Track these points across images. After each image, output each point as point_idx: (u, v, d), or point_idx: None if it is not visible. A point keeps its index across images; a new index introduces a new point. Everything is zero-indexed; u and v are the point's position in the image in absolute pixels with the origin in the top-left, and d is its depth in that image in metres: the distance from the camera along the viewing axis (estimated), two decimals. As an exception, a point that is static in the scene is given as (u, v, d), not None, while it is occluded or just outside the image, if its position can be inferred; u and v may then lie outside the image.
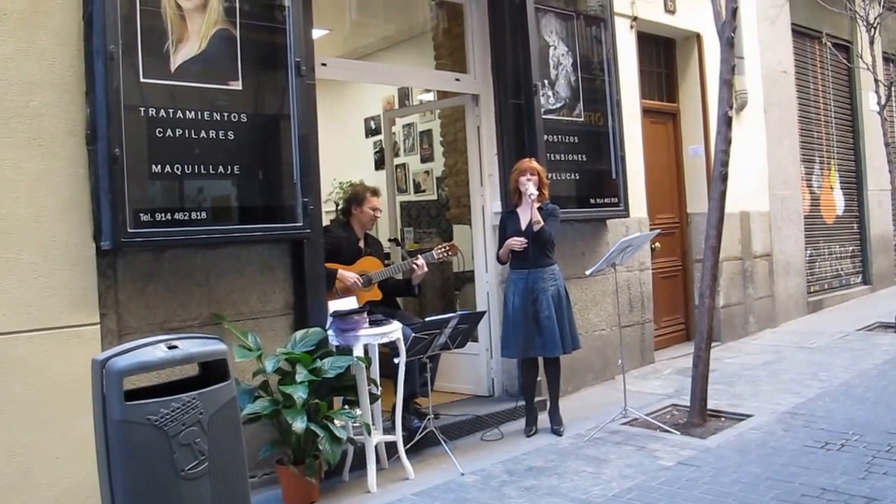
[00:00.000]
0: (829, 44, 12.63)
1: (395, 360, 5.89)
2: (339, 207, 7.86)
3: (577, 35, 8.00)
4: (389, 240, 8.67)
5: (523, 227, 6.63)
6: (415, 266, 6.84)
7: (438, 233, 9.70)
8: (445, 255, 6.96)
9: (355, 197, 7.06)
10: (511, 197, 6.88)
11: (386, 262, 7.15)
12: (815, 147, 12.78)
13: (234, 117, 5.35)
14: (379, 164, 11.03)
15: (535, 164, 6.76)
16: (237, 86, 5.39)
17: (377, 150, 11.21)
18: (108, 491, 3.46)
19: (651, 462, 5.74)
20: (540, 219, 6.52)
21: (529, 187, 6.55)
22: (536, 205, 6.57)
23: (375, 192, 7.06)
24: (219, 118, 5.27)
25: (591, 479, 5.45)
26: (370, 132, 11.52)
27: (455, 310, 7.91)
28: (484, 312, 7.10)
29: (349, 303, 6.09)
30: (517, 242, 6.55)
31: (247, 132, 5.41)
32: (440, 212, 9.84)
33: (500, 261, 6.88)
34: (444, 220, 9.65)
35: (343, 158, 10.71)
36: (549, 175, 7.01)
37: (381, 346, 5.94)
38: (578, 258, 8.04)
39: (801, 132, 12.22)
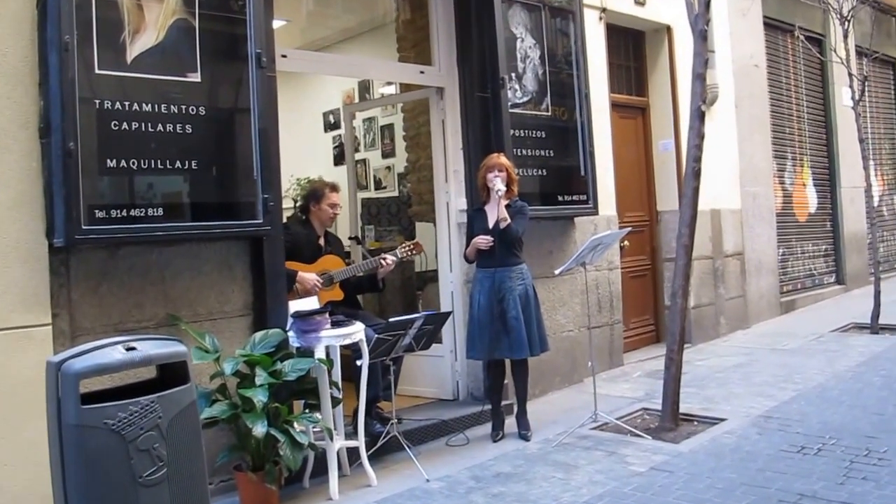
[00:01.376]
0: (801, 37, 12.80)
1: (358, 363, 5.90)
2: (298, 204, 7.82)
3: (545, 27, 8.04)
4: (350, 238, 8.59)
5: (490, 224, 6.67)
6: (382, 263, 6.87)
7: (400, 230, 9.70)
8: (410, 253, 7.00)
9: (314, 193, 7.06)
10: (479, 194, 6.93)
11: (347, 260, 7.16)
12: (787, 143, 12.91)
13: (193, 110, 5.35)
14: (338, 160, 11.09)
15: (504, 160, 6.80)
16: (195, 78, 5.39)
17: (336, 145, 11.24)
18: (62, 498, 3.44)
19: (622, 468, 5.77)
20: (507, 216, 6.56)
21: (497, 184, 6.59)
22: (504, 202, 6.61)
23: (335, 188, 7.06)
24: (176, 111, 5.26)
25: (560, 486, 5.47)
26: (329, 126, 11.53)
27: (417, 310, 7.94)
28: (449, 313, 7.16)
29: (310, 303, 6.09)
30: (484, 241, 6.59)
31: (205, 126, 5.41)
32: (402, 209, 9.83)
33: (467, 259, 6.91)
34: (406, 218, 9.66)
35: (301, 154, 10.71)
36: (517, 171, 7.04)
37: (343, 347, 5.94)
38: (546, 257, 8.09)
39: (773, 127, 12.35)
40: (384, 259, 6.89)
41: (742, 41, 11.53)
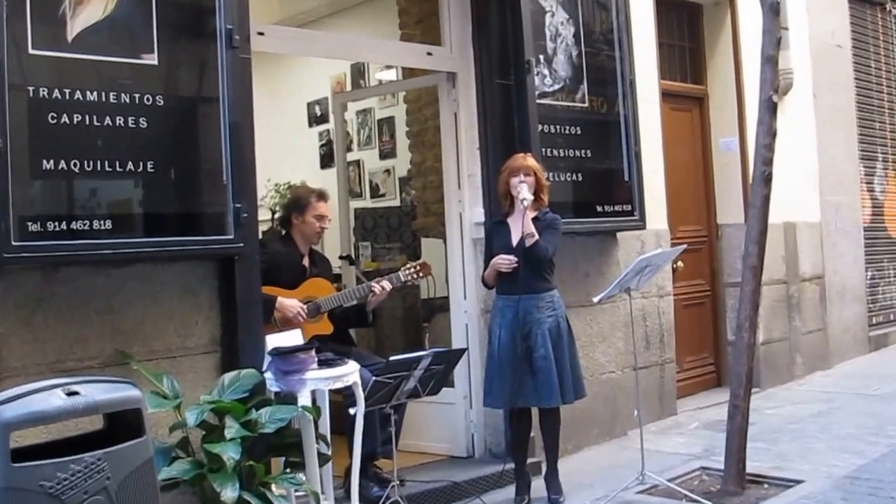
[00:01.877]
0: (894, 11, 12.74)
1: (351, 411, 5.86)
2: (276, 216, 7.85)
3: (581, -1, 8.09)
4: (340, 257, 8.72)
5: (514, 241, 6.65)
6: (374, 290, 6.89)
7: (402, 248, 9.72)
8: (415, 276, 7.05)
9: (297, 203, 7.10)
10: (500, 203, 6.93)
11: (337, 285, 7.18)
12: (877, 141, 12.87)
13: (149, 100, 5.34)
14: (326, 161, 11.15)
15: (531, 161, 6.81)
16: (152, 60, 5.38)
17: (324, 142, 11.31)
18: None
19: (676, 542, 5.73)
20: (534, 231, 6.55)
21: (523, 191, 6.57)
22: (531, 214, 6.61)
23: (322, 196, 7.10)
24: (128, 101, 5.25)
25: (600, 565, 5.46)
26: (315, 120, 11.57)
27: (423, 346, 7.94)
28: (463, 350, 7.11)
29: (292, 337, 6.06)
30: (506, 261, 6.58)
31: (164, 119, 5.40)
32: (404, 222, 9.85)
33: (485, 284, 6.92)
34: (410, 233, 9.68)
35: (281, 154, 10.73)
36: (547, 175, 7.07)
37: (334, 392, 5.94)
38: (582, 281, 8.09)
39: (859, 122, 12.34)
40: (376, 285, 6.92)
41: (822, 16, 11.55)
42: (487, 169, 7.58)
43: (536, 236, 6.55)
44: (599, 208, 8.08)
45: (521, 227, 6.58)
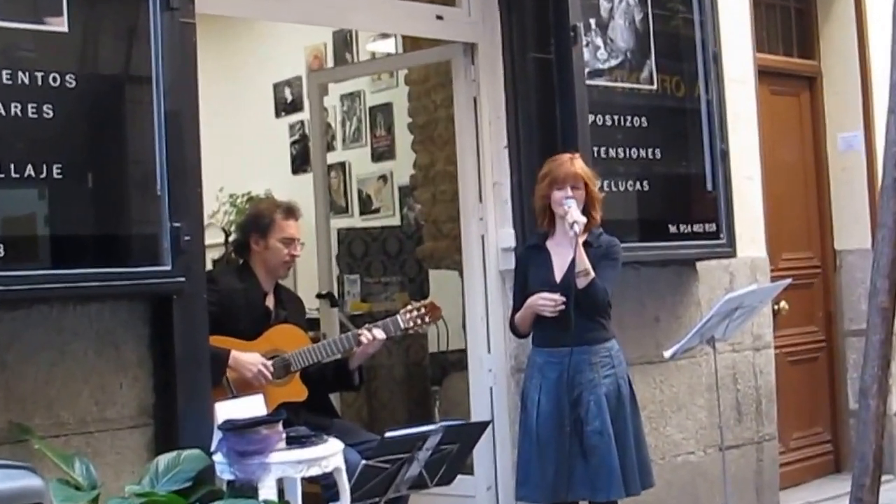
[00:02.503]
0: None
1: (333, 507, 5.84)
2: (232, 240, 7.82)
3: (646, -56, 8.16)
4: (318, 296, 8.76)
5: (558, 275, 6.64)
6: (361, 340, 6.88)
7: (403, 283, 9.83)
8: (420, 322, 7.03)
9: (257, 221, 7.10)
10: (537, 221, 6.91)
11: (313, 333, 7.14)
12: None
13: (55, 80, 5.34)
14: (300, 164, 11.25)
15: (579, 166, 6.76)
16: (60, 26, 5.37)
17: (296, 138, 11.47)
18: None
19: None
20: (588, 265, 6.52)
21: (573, 211, 6.53)
22: (582, 237, 6.57)
23: (291, 213, 7.09)
24: (27, 81, 5.25)
25: None
26: (284, 108, 11.69)
27: (432, 418, 8.07)
28: (486, 424, 7.03)
29: (252, 406, 6.06)
30: (549, 302, 6.54)
31: (76, 106, 5.42)
32: (406, 247, 9.93)
33: (516, 331, 6.92)
34: (414, 262, 9.75)
35: (237, 154, 10.83)
36: (601, 185, 7.08)
37: (308, 481, 5.96)
38: (649, 328, 8.14)
39: None
40: (365, 333, 6.90)
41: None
42: (519, 175, 7.63)
43: (592, 274, 6.53)
44: (673, 229, 8.09)
45: (567, 255, 6.55)
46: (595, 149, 7.60)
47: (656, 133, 8.05)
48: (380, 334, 6.90)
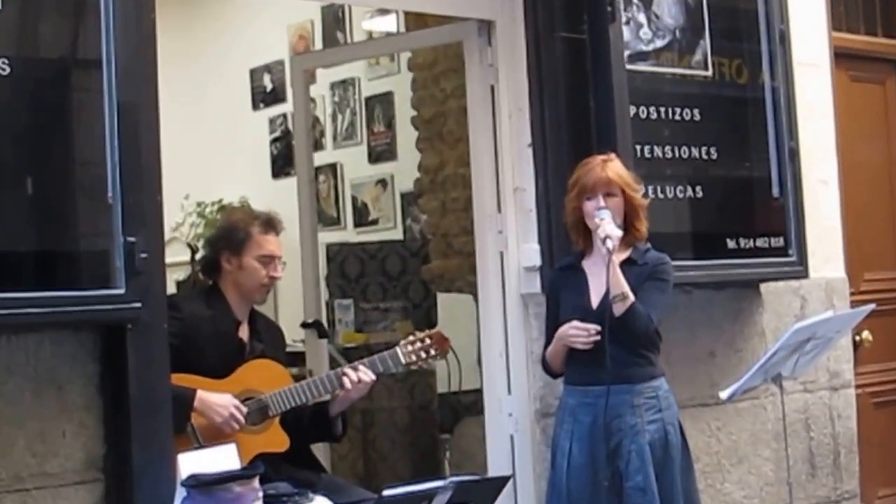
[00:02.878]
0: None
1: (320, 582, 5.89)
2: (199, 257, 7.79)
3: None
4: (304, 325, 8.72)
5: (595, 300, 6.62)
6: (345, 381, 6.78)
7: (406, 310, 9.86)
8: (425, 356, 6.95)
9: (230, 236, 7.04)
10: (570, 236, 6.90)
11: (296, 370, 7.26)
12: None
13: (-18, 64, 5.36)
14: (281, 166, 11.29)
15: (614, 169, 6.70)
16: (-9, 1, 5.41)
17: (277, 135, 11.50)
18: None
19: None
20: (627, 289, 6.47)
21: (606, 223, 6.47)
22: (622, 254, 6.56)
23: (270, 226, 7.05)
24: (-53, 66, 5.28)
25: None
26: (263, 99, 11.79)
27: (441, 472, 8.07)
28: (506, 479, 6.85)
29: (222, 457, 5.94)
30: (581, 332, 6.49)
31: (10, 96, 5.35)
32: (410, 266, 9.93)
33: (548, 369, 6.90)
34: (419, 285, 9.80)
35: (206, 154, 10.89)
36: (646, 191, 7.05)
37: (290, 549, 5.92)
38: (703, 364, 8.15)
39: None
40: (350, 374, 6.78)
41: None
42: (546, 179, 7.65)
43: (631, 298, 6.47)
44: (732, 244, 8.05)
45: (605, 277, 6.49)
46: (637, 147, 7.61)
47: (711, 128, 8.04)
48: (367, 375, 6.77)
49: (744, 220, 8.17)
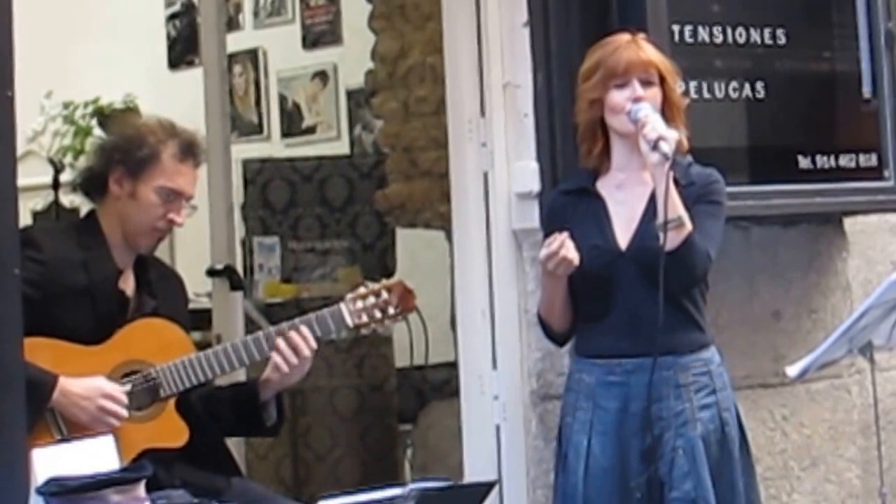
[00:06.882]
0: None
1: None
2: (78, 177, 6.98)
3: None
4: (210, 272, 8.27)
5: (623, 236, 5.82)
6: (281, 346, 5.96)
7: (354, 252, 9.96)
8: (379, 316, 6.15)
9: (131, 150, 6.10)
10: (582, 147, 6.01)
11: (200, 335, 7.08)
12: None
13: None
14: (182, 53, 11.41)
15: (650, 50, 5.89)
16: None
17: (176, 8, 11.24)
18: None
19: None
20: (683, 210, 5.61)
21: (650, 118, 5.62)
22: (664, 166, 5.58)
23: (191, 152, 6.14)
24: None
25: None
26: None
27: (400, 475, 8.30)
28: (490, 485, 6.09)
29: (94, 454, 5.36)
30: (554, 248, 5.60)
31: None
32: (359, 191, 10.02)
33: (548, 329, 6.10)
34: (372, 217, 9.82)
35: (78, 38, 10.27)
36: (688, 90, 6.47)
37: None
38: (764, 328, 7.42)
39: None
40: (294, 337, 5.94)
41: None
42: (547, 71, 6.82)
43: (689, 225, 5.61)
44: (805, 162, 7.17)
45: (635, 203, 5.87)
46: (674, 28, 6.80)
47: (776, 13, 7.13)
48: (310, 338, 5.97)
49: (822, 130, 7.42)
